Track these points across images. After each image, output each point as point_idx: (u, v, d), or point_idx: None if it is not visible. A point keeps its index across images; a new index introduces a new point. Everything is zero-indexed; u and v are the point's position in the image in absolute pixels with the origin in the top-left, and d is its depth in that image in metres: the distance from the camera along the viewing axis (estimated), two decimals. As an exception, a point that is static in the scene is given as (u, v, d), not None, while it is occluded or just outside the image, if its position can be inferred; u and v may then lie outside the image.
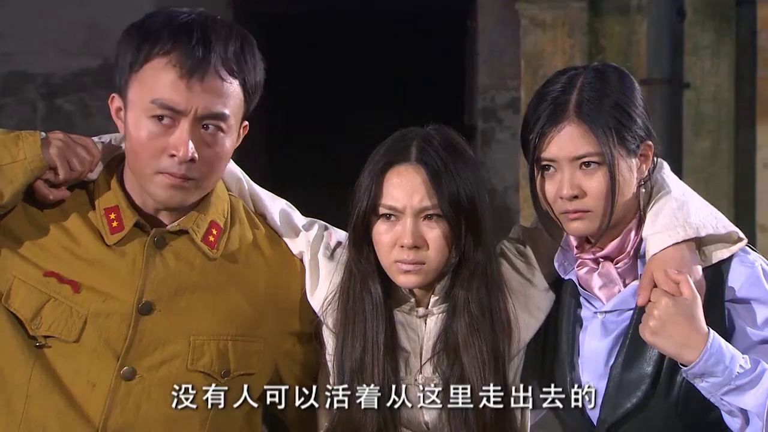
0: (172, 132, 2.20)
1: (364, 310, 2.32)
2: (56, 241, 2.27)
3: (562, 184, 2.25)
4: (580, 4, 5.87)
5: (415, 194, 2.26)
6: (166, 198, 2.24)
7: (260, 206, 2.46)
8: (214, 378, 2.28)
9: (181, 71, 2.18)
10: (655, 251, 2.23)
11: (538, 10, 5.93)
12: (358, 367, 2.30)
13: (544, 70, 5.92)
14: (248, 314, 2.33)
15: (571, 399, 2.33)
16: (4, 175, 2.21)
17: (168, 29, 2.21)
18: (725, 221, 2.27)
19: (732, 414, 2.15)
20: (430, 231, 2.27)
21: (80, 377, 2.22)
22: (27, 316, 2.23)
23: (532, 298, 2.37)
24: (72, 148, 2.27)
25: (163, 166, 2.21)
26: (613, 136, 2.22)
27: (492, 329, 2.30)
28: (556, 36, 5.92)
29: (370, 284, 2.32)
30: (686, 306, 2.15)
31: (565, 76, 2.30)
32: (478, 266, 2.30)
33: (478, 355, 2.28)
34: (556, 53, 5.90)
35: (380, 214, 2.28)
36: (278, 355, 2.38)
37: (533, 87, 5.92)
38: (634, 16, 5.83)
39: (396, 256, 2.27)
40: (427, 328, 2.34)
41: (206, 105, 2.20)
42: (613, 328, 2.31)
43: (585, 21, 5.90)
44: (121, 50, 2.25)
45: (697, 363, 2.12)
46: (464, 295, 2.30)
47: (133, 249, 2.27)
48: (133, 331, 2.24)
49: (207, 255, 2.31)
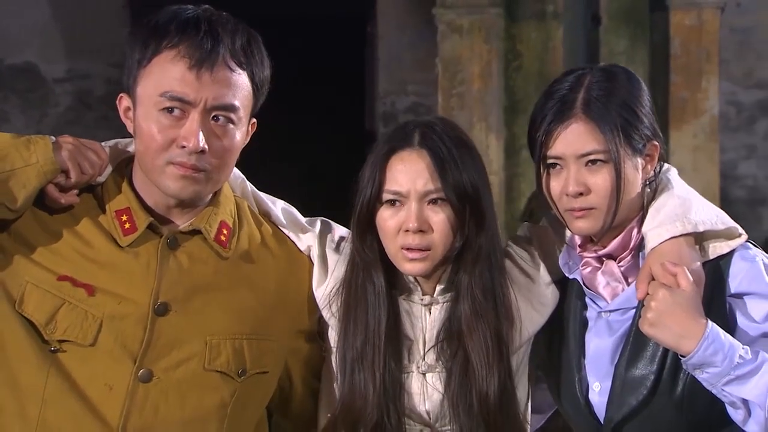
0: (182, 123, 2.19)
1: (366, 299, 2.32)
2: (68, 244, 2.24)
3: (567, 181, 2.26)
4: (497, 10, 5.93)
5: (419, 178, 2.27)
6: (177, 189, 2.22)
7: (263, 205, 2.46)
8: (231, 377, 2.27)
9: (190, 62, 2.17)
10: (654, 245, 2.26)
11: (456, 15, 5.97)
12: (358, 355, 2.30)
13: (462, 75, 5.97)
14: (260, 313, 2.32)
15: (579, 398, 2.35)
16: (18, 179, 2.19)
17: (174, 23, 2.21)
18: (726, 218, 2.30)
19: (734, 405, 2.17)
20: (435, 215, 2.28)
21: (97, 381, 2.20)
22: (41, 321, 2.20)
23: (535, 294, 2.39)
24: (82, 151, 2.25)
25: (174, 156, 2.20)
26: (619, 134, 2.24)
27: (495, 314, 2.31)
28: (473, 41, 5.96)
29: (373, 273, 2.33)
30: (683, 297, 2.16)
31: (572, 75, 2.32)
32: (481, 251, 2.31)
33: (482, 339, 2.29)
34: (473, 58, 5.95)
35: (385, 200, 2.29)
36: (288, 353, 2.38)
37: (450, 92, 6.02)
38: (551, 22, 5.91)
39: (402, 242, 2.27)
40: (432, 317, 2.35)
41: (216, 96, 2.19)
42: (617, 327, 2.33)
43: (502, 27, 5.96)
44: (128, 50, 2.24)
45: (695, 353, 2.13)
46: (467, 280, 2.31)
47: (146, 250, 2.26)
48: (150, 333, 2.22)
49: (220, 254, 2.31)
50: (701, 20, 5.81)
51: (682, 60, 5.76)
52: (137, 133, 2.24)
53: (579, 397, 2.36)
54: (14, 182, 2.18)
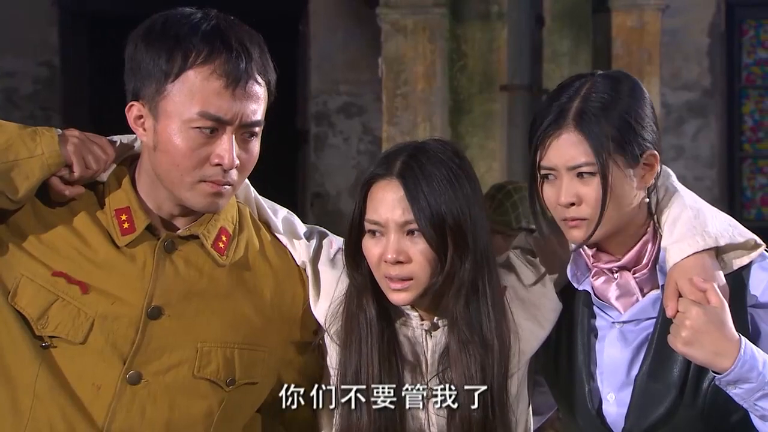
0: (215, 140, 2.17)
1: (359, 326, 2.29)
2: (65, 241, 2.21)
3: (560, 191, 2.25)
4: (441, 10, 5.93)
5: (396, 209, 2.22)
6: (206, 205, 2.21)
7: (264, 214, 2.42)
8: (220, 386, 2.25)
9: (226, 81, 2.14)
10: (676, 260, 2.23)
11: (399, 15, 5.96)
12: (352, 382, 2.28)
13: (405, 75, 5.97)
14: (254, 322, 2.30)
15: (590, 409, 2.34)
16: (21, 170, 2.15)
17: (198, 36, 2.16)
18: (741, 228, 2.29)
19: (764, 419, 2.17)
20: (413, 246, 2.23)
21: (85, 379, 2.18)
22: (33, 316, 2.17)
23: (540, 308, 2.36)
24: (87, 146, 2.21)
25: (207, 174, 2.17)
26: (609, 145, 2.22)
27: (483, 346, 2.27)
28: (417, 41, 5.96)
29: (363, 301, 2.29)
30: (716, 314, 2.15)
31: (577, 82, 2.29)
32: (464, 284, 2.25)
33: (465, 372, 2.26)
34: (417, 58, 5.95)
35: (367, 229, 2.26)
36: (281, 364, 2.35)
37: (394, 92, 6.02)
38: (495, 23, 5.92)
39: (384, 272, 2.24)
40: (433, 341, 2.32)
41: (247, 113, 2.18)
42: (632, 338, 2.31)
43: (446, 27, 5.96)
44: (144, 59, 2.18)
45: (732, 370, 2.12)
46: (453, 312, 2.27)
47: (143, 252, 2.23)
48: (141, 335, 2.19)
49: (216, 261, 2.28)
50: (642, 21, 5.87)
51: (624, 61, 5.81)
52: (161, 146, 2.19)
53: (590, 408, 2.34)
54: (17, 173, 2.14)
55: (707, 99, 7.94)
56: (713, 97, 7.96)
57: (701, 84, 7.94)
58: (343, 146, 8.33)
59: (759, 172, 8.14)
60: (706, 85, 7.94)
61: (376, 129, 8.13)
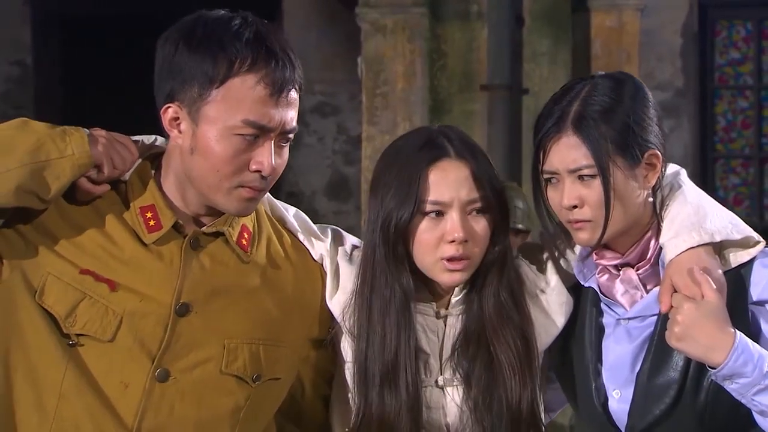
0: (255, 147, 2.18)
1: (397, 313, 2.30)
2: (91, 239, 2.22)
3: (562, 194, 2.27)
4: (421, 9, 5.95)
5: (462, 188, 2.27)
6: (241, 209, 2.23)
7: (278, 211, 2.44)
8: (246, 382, 2.26)
9: (272, 90, 2.16)
10: (672, 256, 2.25)
11: (379, 15, 5.97)
12: (390, 369, 2.29)
13: (385, 75, 5.98)
14: (277, 318, 2.31)
15: (596, 405, 2.36)
16: (52, 170, 2.15)
17: (242, 42, 2.16)
18: (742, 226, 2.30)
19: (763, 414, 2.17)
20: (476, 224, 2.28)
21: (113, 377, 2.18)
22: (61, 314, 2.18)
23: (551, 303, 2.39)
24: (114, 146, 2.22)
25: (246, 180, 2.19)
26: (609, 147, 2.23)
27: (520, 316, 2.33)
28: (397, 41, 5.97)
29: (405, 287, 2.31)
30: (709, 308, 2.15)
31: (578, 85, 2.31)
32: (507, 257, 2.33)
33: (512, 342, 2.30)
34: (396, 58, 5.97)
35: (427, 211, 2.27)
36: (300, 361, 2.38)
37: (374, 91, 6.02)
38: (475, 23, 5.95)
39: (443, 253, 2.27)
40: (447, 329, 2.35)
41: (288, 120, 2.21)
42: (637, 335, 2.33)
43: (426, 26, 5.98)
44: (183, 61, 2.17)
45: (725, 364, 2.12)
46: (495, 283, 2.32)
47: (169, 249, 2.24)
48: (170, 333, 2.20)
49: (241, 258, 2.29)
50: (621, 21, 5.92)
51: (603, 61, 5.86)
52: (200, 150, 2.19)
53: (596, 404, 2.36)
54: (49, 173, 2.14)
55: (680, 99, 7.98)
56: (686, 98, 7.99)
57: (674, 84, 7.97)
58: (318, 146, 8.33)
59: (732, 172, 8.20)
60: (679, 85, 7.98)
61: (350, 129, 8.14)
